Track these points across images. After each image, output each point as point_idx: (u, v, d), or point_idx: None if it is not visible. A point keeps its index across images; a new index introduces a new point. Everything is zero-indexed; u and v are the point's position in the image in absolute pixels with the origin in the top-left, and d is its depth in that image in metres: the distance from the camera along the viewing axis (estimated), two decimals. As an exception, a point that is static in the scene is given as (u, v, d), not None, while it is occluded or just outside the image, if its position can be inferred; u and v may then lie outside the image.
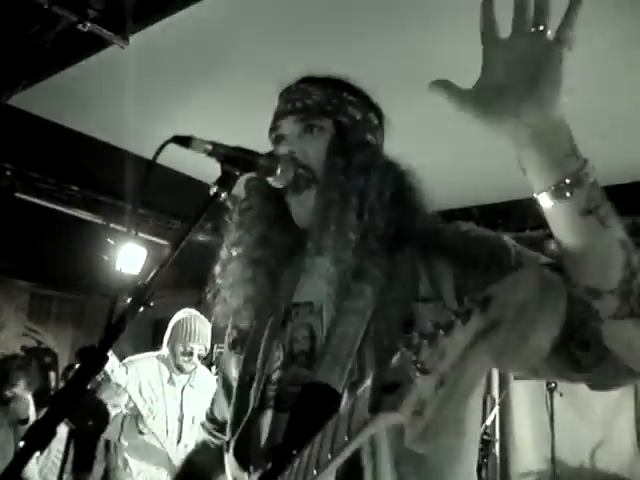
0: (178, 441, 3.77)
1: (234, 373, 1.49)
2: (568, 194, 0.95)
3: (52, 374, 8.16)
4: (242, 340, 1.48)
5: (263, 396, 1.34)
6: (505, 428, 5.60)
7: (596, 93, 3.57)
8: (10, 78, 3.47)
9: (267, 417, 1.32)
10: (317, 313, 1.36)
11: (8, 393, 4.81)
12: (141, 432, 3.64)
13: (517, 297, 0.67)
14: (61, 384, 7.48)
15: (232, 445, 1.34)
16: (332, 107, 1.42)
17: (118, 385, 3.55)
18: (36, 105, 4.21)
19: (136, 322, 1.15)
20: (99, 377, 3.44)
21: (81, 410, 0.91)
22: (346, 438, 0.91)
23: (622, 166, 4.41)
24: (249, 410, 1.34)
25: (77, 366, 1.06)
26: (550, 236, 1.01)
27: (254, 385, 1.36)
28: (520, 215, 5.22)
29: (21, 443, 0.98)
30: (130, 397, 3.60)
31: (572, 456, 4.95)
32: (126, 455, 3.70)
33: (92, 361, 1.07)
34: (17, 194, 4.70)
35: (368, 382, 0.88)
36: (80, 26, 2.92)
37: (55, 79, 3.72)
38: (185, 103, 4.07)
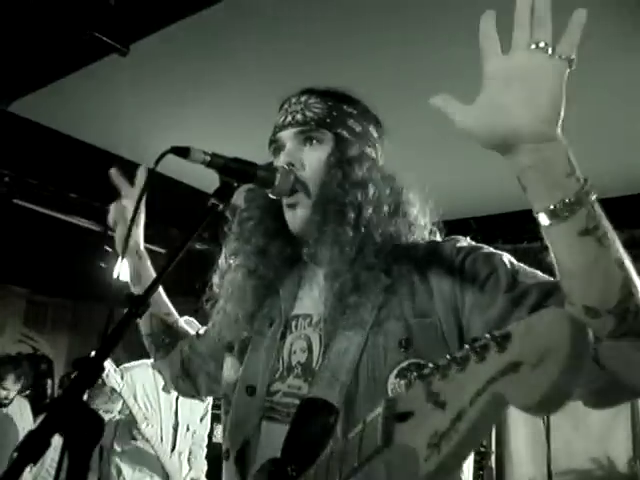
0: (172, 449, 3.75)
1: (226, 373, 1.50)
2: (567, 214, 0.95)
3: (48, 381, 8.14)
4: (241, 348, 1.47)
5: (263, 407, 1.34)
6: (501, 440, 5.58)
7: (598, 104, 3.58)
8: (10, 85, 3.47)
9: (266, 428, 1.32)
10: (315, 325, 1.37)
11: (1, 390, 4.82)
12: (134, 438, 3.62)
13: (541, 340, 0.65)
14: (57, 391, 7.47)
15: (233, 454, 1.35)
16: (332, 120, 1.42)
17: (112, 390, 3.54)
18: (35, 112, 4.21)
19: (130, 328, 1.14)
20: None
21: (76, 421, 0.90)
22: (355, 464, 0.89)
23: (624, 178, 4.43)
24: (249, 420, 1.34)
25: (73, 376, 1.05)
26: (546, 247, 1.02)
27: (254, 396, 1.36)
28: (518, 226, 5.22)
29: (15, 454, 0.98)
30: (125, 403, 3.59)
31: (568, 469, 4.93)
32: (119, 462, 3.68)
33: (88, 371, 1.06)
34: (15, 200, 4.69)
35: (379, 410, 0.86)
36: (81, 34, 2.93)
37: (55, 86, 3.72)
38: (184, 111, 4.07)
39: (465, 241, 1.38)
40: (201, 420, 4.02)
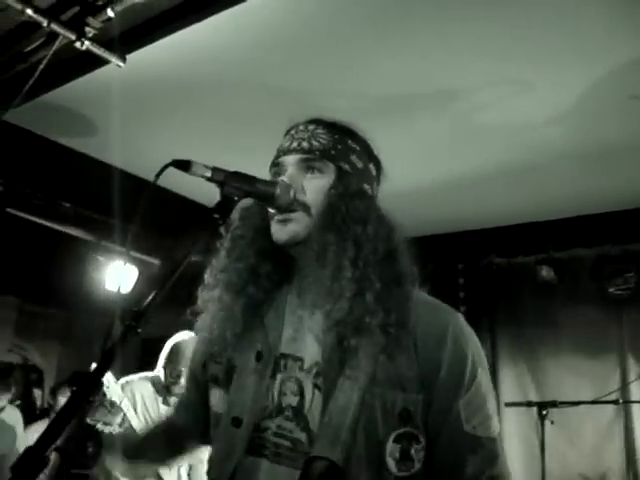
0: None
1: (214, 405, 1.48)
2: None
3: (37, 391, 8.08)
4: (225, 378, 1.45)
5: (251, 442, 1.34)
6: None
7: (598, 118, 3.61)
8: (5, 94, 3.46)
9: (255, 463, 1.33)
10: (307, 371, 1.35)
11: None
12: None
13: None
14: (48, 401, 7.41)
15: None
16: (336, 152, 1.44)
17: (112, 403, 3.51)
18: (30, 121, 4.21)
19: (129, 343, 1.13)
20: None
21: (73, 441, 0.89)
22: None
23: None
24: (235, 452, 1.35)
25: (71, 391, 1.04)
26: (541, 262, 1.02)
27: (241, 430, 1.36)
28: (512, 241, 5.24)
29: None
30: (125, 415, 3.56)
31: (562, 483, 4.93)
32: (118, 475, 3.65)
33: (86, 387, 1.05)
34: (8, 209, 4.66)
35: None
36: (78, 44, 2.92)
37: (50, 96, 3.72)
38: (178, 122, 4.08)
39: (457, 318, 1.40)
40: None
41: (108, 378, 3.44)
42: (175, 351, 3.79)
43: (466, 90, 3.46)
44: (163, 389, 3.77)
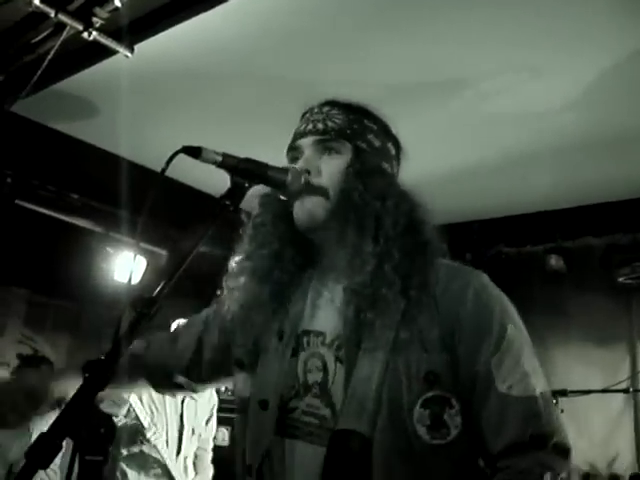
0: (177, 453, 3.75)
1: (239, 390, 1.49)
2: None
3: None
4: (251, 362, 1.46)
5: (281, 424, 1.34)
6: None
7: (608, 108, 3.58)
8: (13, 85, 3.46)
9: (289, 445, 1.32)
10: (329, 346, 1.35)
11: None
12: (140, 442, 3.61)
13: None
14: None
15: (255, 468, 1.35)
16: (352, 132, 1.43)
17: (118, 395, 3.52)
18: (38, 112, 4.21)
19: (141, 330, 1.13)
20: None
21: (85, 427, 0.89)
22: None
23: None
24: (265, 435, 1.34)
25: (83, 378, 1.04)
26: (550, 251, 1.02)
27: (267, 410, 1.35)
28: (521, 230, 5.22)
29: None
30: (131, 407, 3.57)
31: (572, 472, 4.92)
32: (124, 466, 3.67)
33: (99, 374, 1.05)
34: (17, 201, 4.67)
35: None
36: (85, 34, 2.91)
37: (57, 87, 3.72)
38: (186, 112, 4.07)
39: (483, 279, 1.36)
40: (207, 423, 4.00)
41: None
42: None
43: (475, 78, 3.44)
44: None
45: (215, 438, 4.15)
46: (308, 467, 1.26)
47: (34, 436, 0.96)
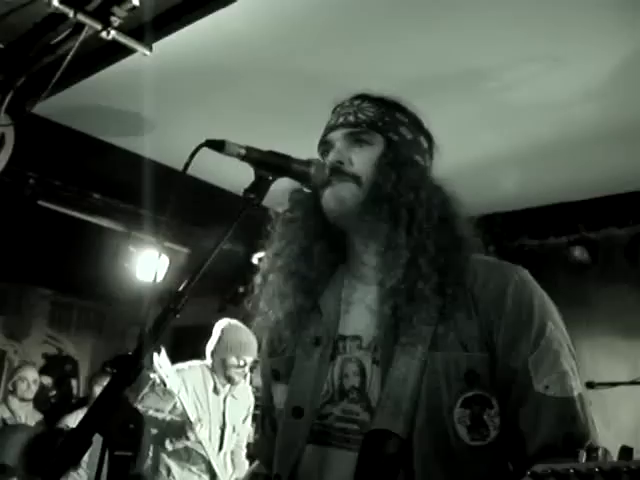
0: (219, 449, 3.79)
1: (277, 401, 1.44)
2: None
3: (73, 381, 8.20)
4: (286, 370, 1.43)
5: (313, 431, 1.31)
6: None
7: (630, 97, 3.53)
8: (34, 86, 3.48)
9: (321, 452, 1.29)
10: (366, 349, 1.32)
11: None
12: (187, 438, 3.64)
13: None
14: (85, 390, 7.52)
15: (286, 477, 1.32)
16: (384, 124, 1.41)
17: (165, 391, 3.56)
18: (59, 113, 4.23)
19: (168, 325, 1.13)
20: (154, 380, 3.48)
21: (115, 423, 0.89)
22: None
23: None
24: (296, 444, 1.32)
25: (112, 374, 1.04)
26: (574, 243, 1.00)
27: (302, 418, 1.33)
28: (544, 222, 5.16)
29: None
30: (180, 402, 3.59)
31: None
32: (168, 461, 3.71)
33: (127, 369, 1.05)
34: (40, 202, 4.71)
35: None
36: (104, 34, 2.92)
37: (78, 87, 3.73)
38: (207, 110, 4.07)
39: (523, 274, 1.33)
40: (244, 421, 4.06)
41: (167, 367, 3.49)
42: (224, 339, 3.83)
43: (496, 69, 3.41)
44: (220, 376, 3.81)
45: (248, 436, 4.20)
46: (344, 473, 1.23)
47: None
